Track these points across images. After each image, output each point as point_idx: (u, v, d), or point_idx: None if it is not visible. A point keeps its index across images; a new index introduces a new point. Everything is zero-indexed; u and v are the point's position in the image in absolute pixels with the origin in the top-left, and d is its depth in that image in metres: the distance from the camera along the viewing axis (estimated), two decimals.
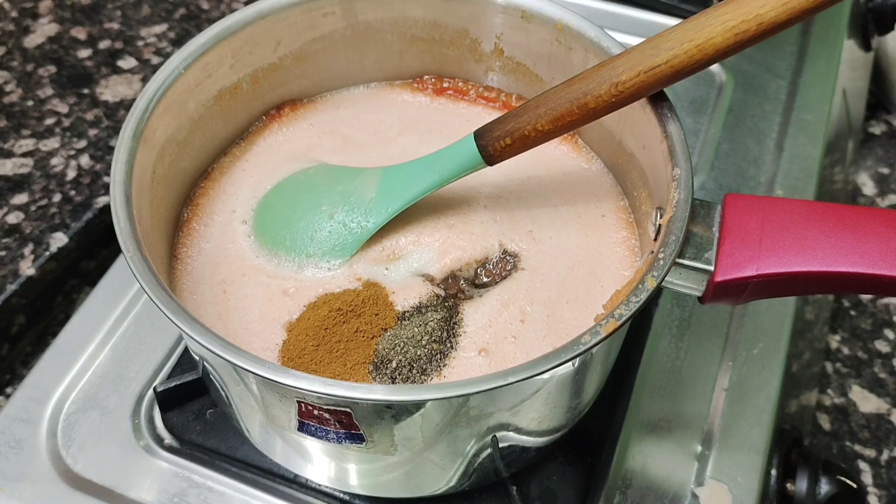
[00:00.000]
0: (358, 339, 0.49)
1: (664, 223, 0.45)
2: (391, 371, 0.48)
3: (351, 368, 0.47)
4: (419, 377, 0.47)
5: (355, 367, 0.48)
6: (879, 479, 0.67)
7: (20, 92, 0.82)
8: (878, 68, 0.98)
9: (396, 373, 0.48)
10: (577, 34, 0.54)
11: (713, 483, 0.56)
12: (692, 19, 0.43)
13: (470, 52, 0.61)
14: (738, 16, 0.41)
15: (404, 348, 0.48)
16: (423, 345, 0.48)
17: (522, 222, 0.55)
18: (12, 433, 0.58)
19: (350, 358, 0.48)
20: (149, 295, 0.42)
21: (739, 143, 0.76)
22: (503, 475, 0.53)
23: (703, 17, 0.43)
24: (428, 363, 0.48)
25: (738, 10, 0.41)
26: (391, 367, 0.48)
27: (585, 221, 0.55)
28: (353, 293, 0.51)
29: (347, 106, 0.63)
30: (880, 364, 0.74)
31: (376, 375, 0.47)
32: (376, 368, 0.48)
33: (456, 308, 0.50)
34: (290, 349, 0.48)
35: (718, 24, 0.42)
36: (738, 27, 0.41)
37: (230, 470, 0.56)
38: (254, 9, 0.56)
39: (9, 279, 0.67)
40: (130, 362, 0.62)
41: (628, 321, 0.41)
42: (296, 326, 0.50)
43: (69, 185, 0.74)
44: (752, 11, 0.41)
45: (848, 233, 0.43)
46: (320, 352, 0.48)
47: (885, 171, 0.91)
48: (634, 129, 0.52)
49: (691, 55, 0.43)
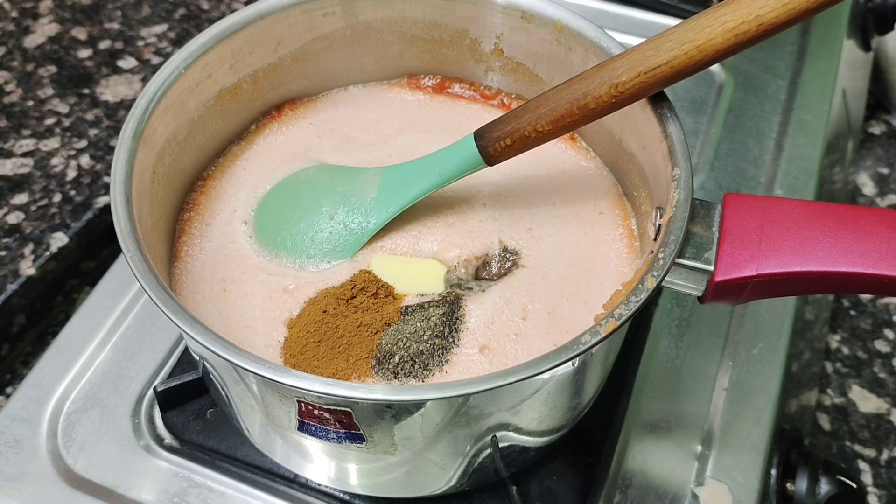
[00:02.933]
0: (361, 334, 0.48)
1: (664, 223, 0.45)
2: (394, 366, 0.47)
3: (354, 364, 0.47)
4: (421, 372, 0.47)
5: (358, 363, 0.47)
6: (879, 479, 0.67)
7: (20, 92, 0.82)
8: (878, 68, 0.98)
9: (399, 368, 0.47)
10: (577, 34, 0.54)
11: (713, 483, 0.56)
12: (692, 20, 0.43)
13: (470, 52, 0.61)
14: (738, 17, 0.41)
15: (407, 343, 0.48)
16: (425, 340, 0.48)
17: (522, 220, 0.55)
18: (12, 433, 0.58)
19: (353, 353, 0.48)
20: (149, 295, 0.42)
21: (739, 143, 0.76)
22: (503, 475, 0.53)
23: (702, 17, 0.43)
24: (430, 358, 0.48)
25: (738, 11, 0.41)
26: (394, 362, 0.48)
27: (584, 219, 0.55)
28: (350, 284, 0.51)
29: (347, 104, 0.63)
30: (880, 364, 0.74)
31: (379, 370, 0.47)
32: (379, 363, 0.48)
33: (458, 303, 0.50)
34: (292, 346, 0.48)
35: (718, 25, 0.42)
36: (739, 28, 0.41)
37: (230, 470, 0.56)
38: (254, 9, 0.56)
39: (9, 279, 0.67)
40: (130, 362, 0.62)
41: (628, 321, 0.41)
42: (297, 323, 0.50)
43: (69, 185, 0.74)
44: (752, 12, 0.41)
45: (848, 233, 0.43)
46: (322, 347, 0.48)
47: (885, 171, 0.91)
48: (634, 129, 0.52)
49: (691, 56, 0.43)
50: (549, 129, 0.47)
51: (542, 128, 0.47)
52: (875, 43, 0.94)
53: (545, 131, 0.47)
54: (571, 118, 0.46)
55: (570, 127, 0.47)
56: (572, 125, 0.47)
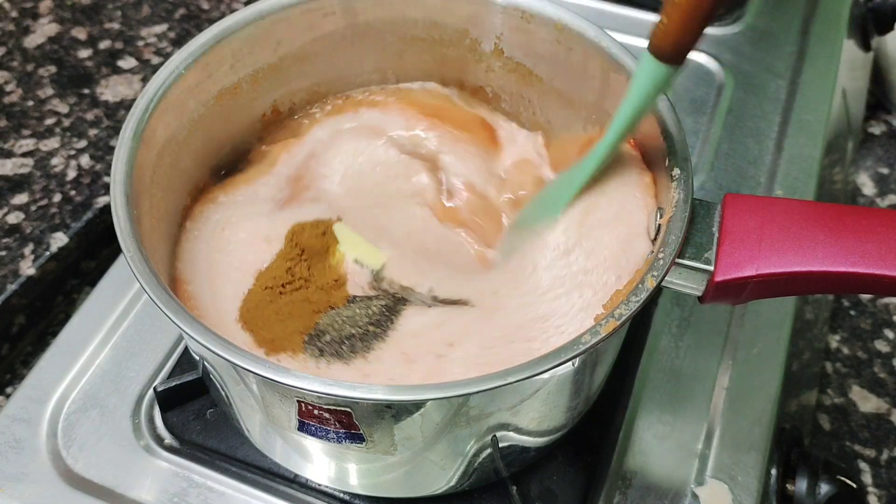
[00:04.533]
0: (303, 309, 0.49)
1: (664, 223, 0.45)
2: (324, 343, 0.48)
3: (289, 335, 0.48)
4: (347, 354, 0.48)
5: (293, 336, 0.48)
6: (879, 479, 0.67)
7: (20, 92, 0.82)
8: (878, 68, 0.98)
9: (327, 346, 0.48)
10: (577, 34, 0.54)
11: (713, 482, 0.56)
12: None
13: (470, 53, 0.61)
14: None
15: (341, 326, 0.49)
16: (359, 325, 0.49)
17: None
18: (12, 433, 0.58)
19: (291, 324, 0.49)
20: (149, 295, 0.42)
21: (739, 143, 0.76)
22: (503, 475, 0.53)
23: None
24: (358, 342, 0.48)
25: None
26: (324, 340, 0.48)
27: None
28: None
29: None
30: (880, 364, 0.74)
31: (308, 346, 0.48)
32: (310, 339, 0.48)
33: (402, 305, 0.50)
34: (250, 299, 0.50)
35: None
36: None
37: (230, 470, 0.56)
38: (254, 9, 0.56)
39: (9, 279, 0.67)
40: (130, 362, 0.62)
41: (628, 321, 0.41)
42: (263, 275, 0.51)
43: (69, 185, 0.74)
44: None
45: (848, 233, 0.43)
46: (268, 310, 0.49)
47: (885, 171, 0.91)
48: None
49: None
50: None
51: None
52: (875, 43, 0.94)
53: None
54: None
55: None
56: None
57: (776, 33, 0.86)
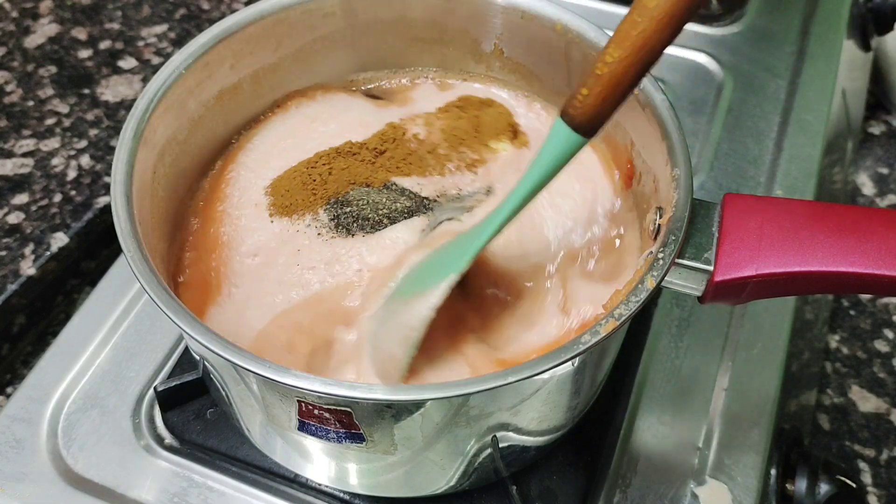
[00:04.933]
0: (342, 177, 0.54)
1: (664, 223, 0.45)
2: (342, 213, 0.53)
3: (311, 202, 0.53)
4: (356, 229, 0.52)
5: (314, 202, 0.53)
6: (879, 478, 0.67)
7: (21, 92, 0.82)
8: (878, 68, 0.98)
9: (344, 216, 0.53)
10: (577, 34, 0.54)
11: (713, 482, 0.56)
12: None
13: (470, 53, 0.61)
14: None
15: (364, 205, 0.53)
16: (378, 211, 0.53)
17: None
18: (12, 433, 0.58)
19: (320, 191, 0.54)
20: (149, 294, 0.42)
21: (739, 143, 0.76)
22: (503, 475, 0.53)
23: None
24: (368, 223, 0.52)
25: None
26: (344, 211, 0.53)
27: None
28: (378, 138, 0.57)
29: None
30: (880, 364, 0.74)
31: (328, 208, 0.53)
32: (335, 204, 0.53)
33: (422, 211, 0.53)
34: (286, 175, 0.55)
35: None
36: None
37: (230, 469, 0.57)
38: (254, 9, 0.56)
39: (9, 279, 0.67)
40: (131, 362, 0.62)
41: (628, 321, 0.41)
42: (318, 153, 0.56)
43: (70, 185, 0.74)
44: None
45: (848, 233, 0.43)
46: (297, 181, 0.55)
47: (885, 171, 0.91)
48: (634, 129, 0.52)
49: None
50: (617, 55, 0.40)
51: (610, 56, 0.40)
52: (875, 43, 0.94)
53: (614, 60, 0.40)
54: (636, 29, 0.41)
55: (640, 44, 0.41)
56: (643, 37, 0.41)
57: (776, 33, 0.86)
